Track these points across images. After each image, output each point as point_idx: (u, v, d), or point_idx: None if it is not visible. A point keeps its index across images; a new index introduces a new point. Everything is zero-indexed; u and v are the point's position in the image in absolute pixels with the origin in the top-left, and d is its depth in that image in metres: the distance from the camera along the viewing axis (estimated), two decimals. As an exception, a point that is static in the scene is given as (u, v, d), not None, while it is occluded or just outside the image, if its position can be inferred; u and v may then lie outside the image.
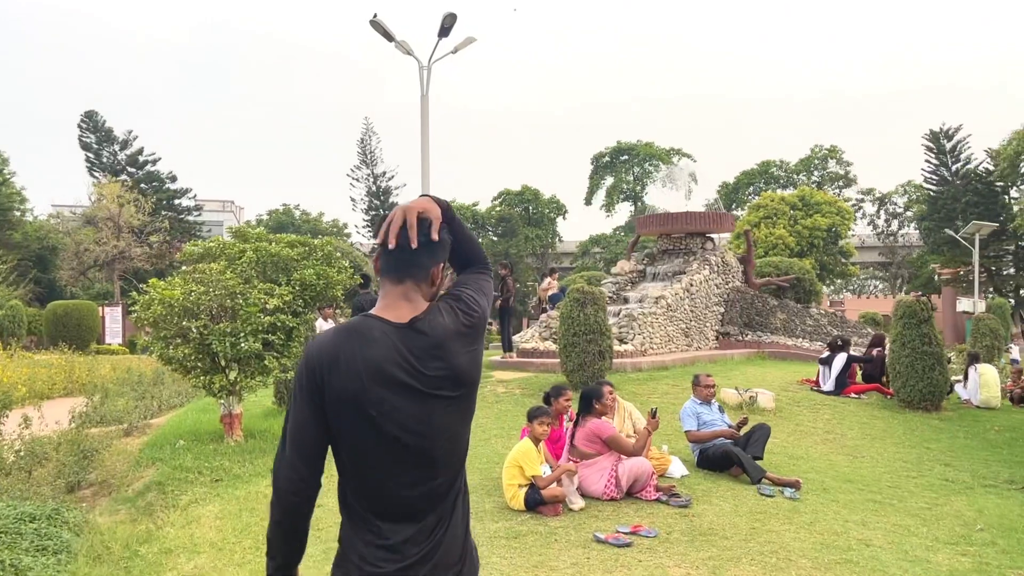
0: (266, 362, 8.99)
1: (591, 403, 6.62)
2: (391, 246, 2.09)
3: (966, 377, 12.37)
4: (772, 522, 5.92)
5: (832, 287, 65.62)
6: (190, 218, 49.70)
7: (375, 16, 18.03)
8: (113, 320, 30.77)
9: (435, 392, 2.06)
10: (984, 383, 11.99)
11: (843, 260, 49.73)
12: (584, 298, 11.65)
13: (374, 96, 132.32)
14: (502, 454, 8.16)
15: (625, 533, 5.51)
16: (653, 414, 6.76)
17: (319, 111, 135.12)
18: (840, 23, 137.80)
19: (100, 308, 30.98)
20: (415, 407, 2.04)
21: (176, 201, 49.38)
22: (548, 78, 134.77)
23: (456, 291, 2.22)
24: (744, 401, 10.39)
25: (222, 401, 9.19)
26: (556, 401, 7.26)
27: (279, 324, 8.95)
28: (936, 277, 54.88)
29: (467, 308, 2.16)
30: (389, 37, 18.34)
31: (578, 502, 6.11)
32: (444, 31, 17.89)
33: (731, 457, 7.16)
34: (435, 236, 2.11)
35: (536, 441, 6.23)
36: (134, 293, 9.11)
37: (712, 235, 20.06)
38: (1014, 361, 17.56)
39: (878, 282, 78.12)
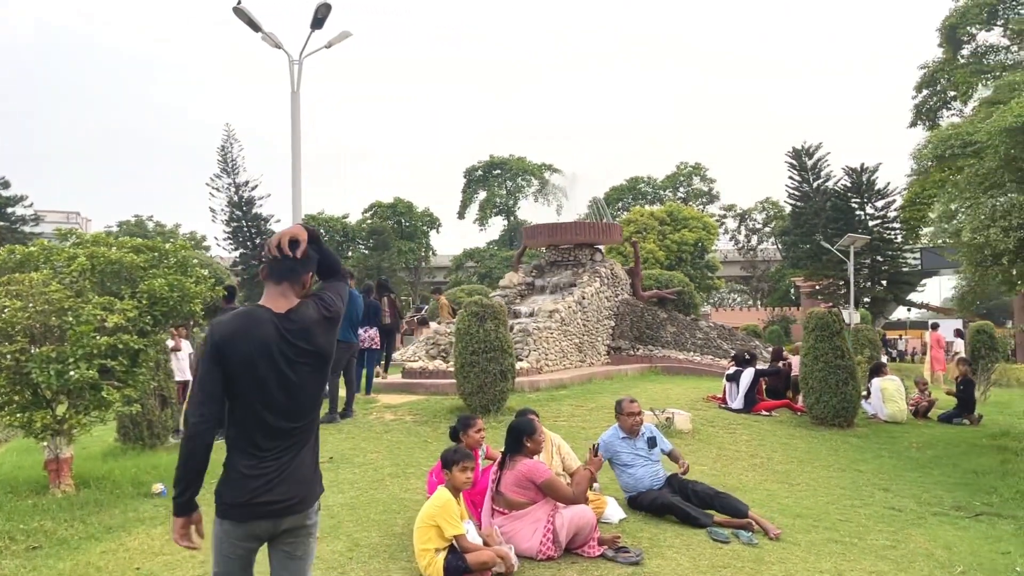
0: (104, 393, 7.28)
1: (521, 440, 5.42)
2: (274, 255, 3.06)
3: (868, 392, 12.03)
4: (742, 578, 4.93)
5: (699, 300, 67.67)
6: (26, 228, 45.03)
7: (239, 3, 16.30)
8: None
9: (300, 361, 3.01)
10: (888, 397, 11.69)
11: (709, 274, 51.05)
12: (483, 312, 10.47)
13: (236, 102, 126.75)
14: (402, 500, 6.85)
15: (577, 609, 4.37)
16: (595, 451, 5.65)
17: (174, 117, 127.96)
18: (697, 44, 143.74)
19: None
20: (286, 372, 2.99)
21: (9, 210, 44.66)
22: (420, 86, 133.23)
23: (319, 293, 3.18)
24: (660, 423, 9.50)
25: (46, 443, 7.38)
26: (466, 434, 6.05)
27: (121, 346, 7.25)
28: (792, 290, 57.44)
29: (326, 304, 3.13)
30: (255, 27, 16.64)
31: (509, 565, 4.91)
32: (317, 22, 16.38)
33: (671, 510, 6.13)
34: (299, 255, 3.05)
35: (456, 492, 4.98)
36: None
37: (599, 247, 19.42)
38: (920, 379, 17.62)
39: (736, 295, 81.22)
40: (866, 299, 40.40)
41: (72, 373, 6.89)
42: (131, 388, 7.64)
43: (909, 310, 53.67)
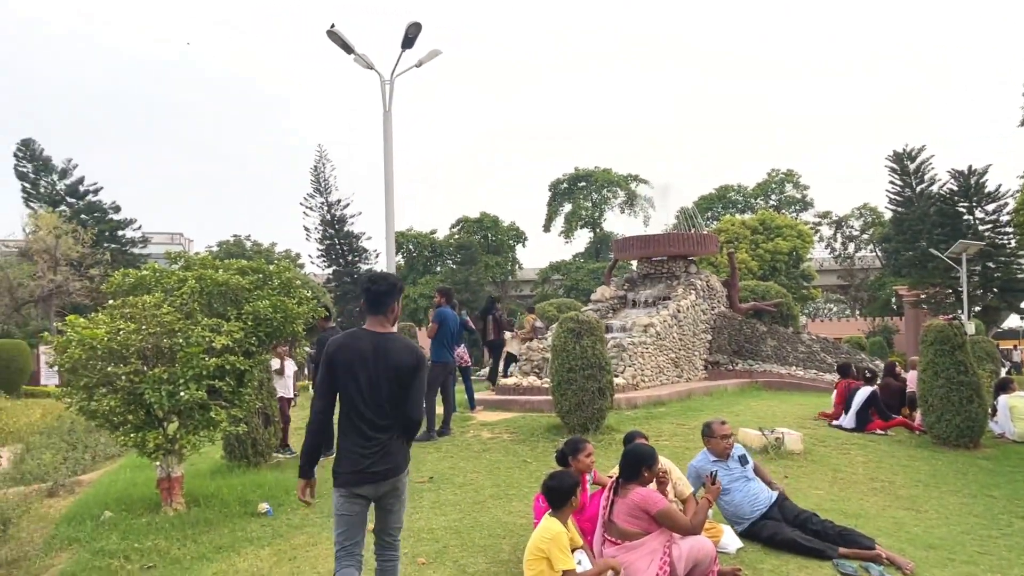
0: (212, 413, 7.40)
1: (639, 468, 5.16)
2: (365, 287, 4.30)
3: (994, 410, 11.23)
4: (880, 619, 4.56)
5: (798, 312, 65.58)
6: (135, 250, 47.20)
7: (332, 27, 16.63)
8: (49, 359, 28.36)
9: (384, 373, 4.12)
10: (1017, 415, 10.86)
11: (805, 284, 49.37)
12: (580, 328, 10.26)
13: (328, 124, 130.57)
14: (506, 524, 6.69)
15: (703, 649, 4.11)
16: (712, 478, 5.36)
17: (271, 140, 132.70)
18: (786, 48, 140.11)
19: (35, 347, 28.63)
20: (375, 378, 4.12)
21: (119, 233, 46.92)
22: (505, 102, 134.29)
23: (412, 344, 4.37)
24: (770, 443, 9.08)
25: (158, 463, 7.55)
26: (576, 459, 5.83)
27: (228, 367, 7.37)
28: (894, 299, 54.93)
29: (414, 350, 4.30)
30: (348, 49, 16.94)
31: (625, 599, 4.67)
32: (408, 41, 16.53)
33: (793, 547, 5.74)
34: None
35: (565, 520, 4.78)
36: (45, 334, 7.45)
37: (693, 258, 18.95)
38: None
39: (832, 305, 78.34)
40: (976, 308, 38.29)
41: (183, 394, 7.03)
42: (237, 408, 7.75)
43: (1023, 319, 50.67)
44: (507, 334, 17.42)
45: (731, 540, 5.84)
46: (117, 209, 46.77)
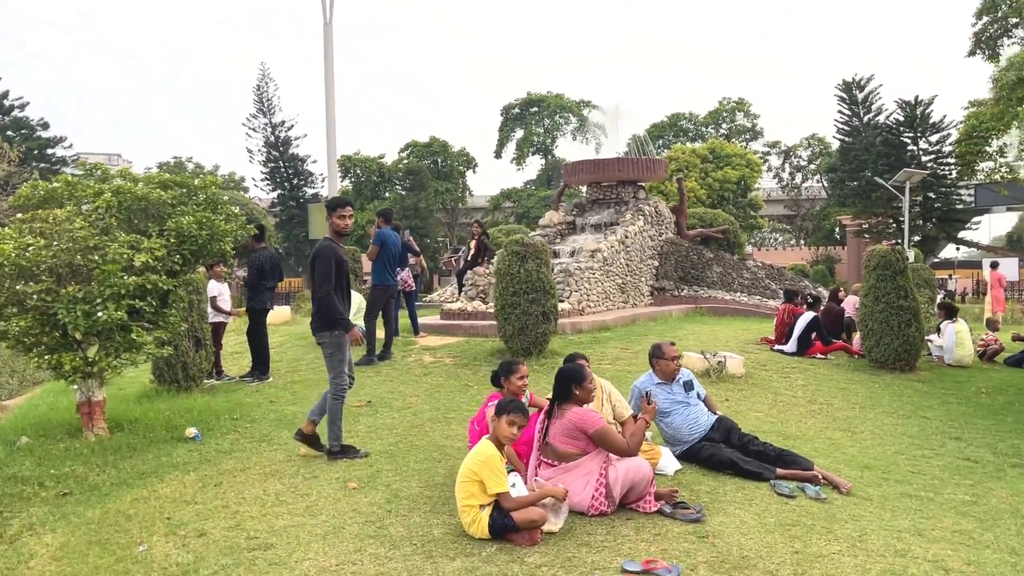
0: (134, 335, 7.01)
1: (570, 387, 4.99)
2: None
3: (938, 331, 11.38)
4: (814, 539, 4.50)
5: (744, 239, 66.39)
6: (66, 170, 45.19)
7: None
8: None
9: None
10: (960, 341, 11.03)
11: (752, 213, 49.76)
12: (525, 251, 10.01)
13: (271, 40, 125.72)
14: (443, 447, 6.53)
15: (636, 573, 3.99)
16: (647, 399, 5.21)
17: (213, 56, 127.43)
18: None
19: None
20: None
21: (49, 151, 44.85)
22: (455, 23, 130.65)
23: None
24: (712, 367, 9.05)
25: (77, 386, 7.17)
26: (508, 380, 5.67)
27: (149, 287, 6.96)
28: (837, 229, 55.77)
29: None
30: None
31: (558, 521, 4.54)
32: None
33: (731, 467, 5.66)
34: None
35: (500, 445, 4.59)
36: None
37: (643, 184, 18.72)
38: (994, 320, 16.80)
39: (778, 235, 79.47)
40: (915, 237, 39.04)
41: (100, 314, 6.62)
42: (162, 330, 7.37)
43: (958, 249, 51.99)
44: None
45: (669, 462, 5.76)
46: (46, 126, 44.66)
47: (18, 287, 6.60)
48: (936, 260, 46.14)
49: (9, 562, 4.81)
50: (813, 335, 10.94)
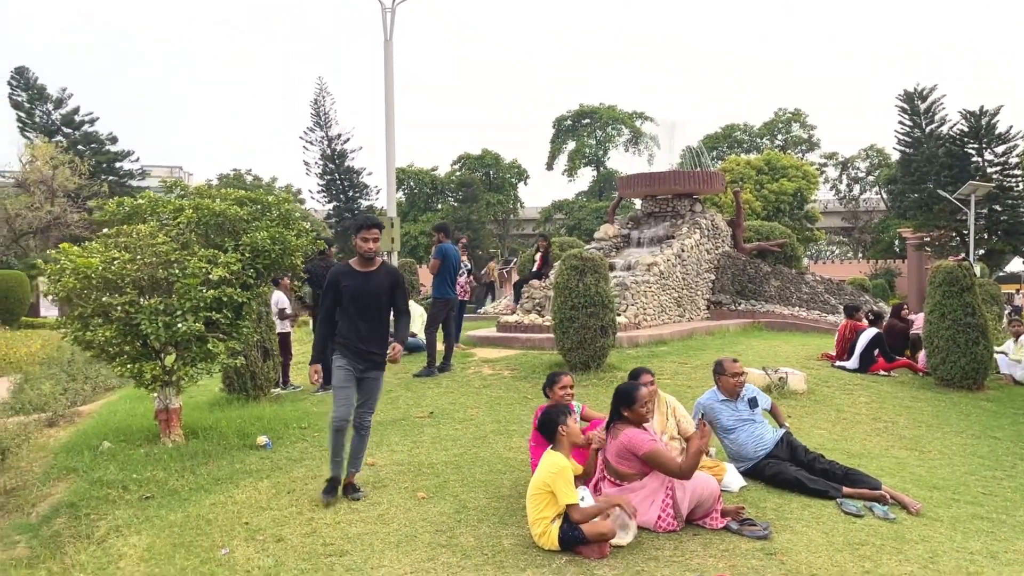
0: (210, 345, 7.31)
1: (618, 408, 5.04)
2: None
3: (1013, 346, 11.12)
4: (884, 559, 4.50)
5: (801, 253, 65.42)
6: (133, 183, 46.77)
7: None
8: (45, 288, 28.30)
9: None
10: (1024, 356, 10.77)
11: (809, 225, 49.03)
12: (584, 265, 10.11)
13: (328, 57, 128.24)
14: (507, 459, 6.63)
15: (706, 587, 4.05)
16: (703, 422, 5.22)
17: (273, 72, 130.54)
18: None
19: (34, 279, 28.57)
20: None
21: (117, 164, 46.51)
22: (509, 36, 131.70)
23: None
24: (773, 383, 9.00)
25: (156, 394, 7.48)
26: (551, 391, 5.73)
27: (225, 299, 7.25)
28: (897, 242, 54.60)
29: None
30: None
31: (627, 536, 4.61)
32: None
33: (797, 487, 5.66)
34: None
35: (568, 452, 4.70)
36: (39, 261, 7.28)
37: (699, 197, 18.66)
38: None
39: (834, 247, 78.05)
40: (980, 251, 38.05)
41: (180, 325, 6.92)
42: (235, 340, 7.65)
43: (1024, 263, 50.46)
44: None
45: (734, 479, 5.78)
46: (114, 140, 46.25)
47: (104, 299, 6.94)
48: (1002, 274, 44.89)
49: (100, 562, 5.07)
50: (876, 352, 10.79)
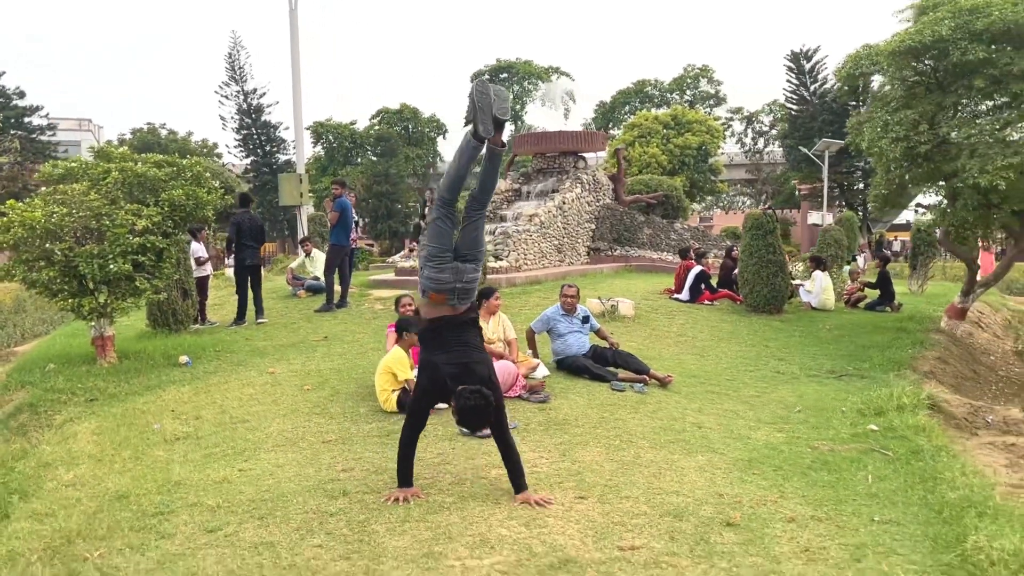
0: (137, 283, 8.98)
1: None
2: None
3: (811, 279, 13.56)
4: (620, 412, 6.62)
5: (703, 203, 68.48)
6: (43, 138, 46.31)
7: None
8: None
9: None
10: (824, 288, 13.22)
11: (712, 177, 51.87)
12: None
13: (243, 11, 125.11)
14: (377, 364, 8.58)
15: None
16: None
17: (184, 23, 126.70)
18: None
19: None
20: None
21: (26, 119, 45.86)
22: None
23: None
24: (606, 309, 11.15)
25: (92, 324, 9.13)
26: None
27: (149, 245, 8.92)
28: (796, 193, 58.18)
29: None
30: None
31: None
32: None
33: (584, 370, 7.84)
34: None
35: (407, 349, 6.66)
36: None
37: (585, 154, 20.70)
38: (856, 271, 19.19)
39: (745, 198, 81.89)
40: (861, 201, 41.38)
41: (112, 266, 8.56)
42: (158, 279, 9.33)
43: (917, 211, 54.53)
44: None
45: (541, 371, 7.86)
46: (22, 95, 45.54)
47: (47, 245, 8.52)
48: (894, 223, 48.66)
49: (61, 438, 6.83)
50: (702, 285, 13.10)
